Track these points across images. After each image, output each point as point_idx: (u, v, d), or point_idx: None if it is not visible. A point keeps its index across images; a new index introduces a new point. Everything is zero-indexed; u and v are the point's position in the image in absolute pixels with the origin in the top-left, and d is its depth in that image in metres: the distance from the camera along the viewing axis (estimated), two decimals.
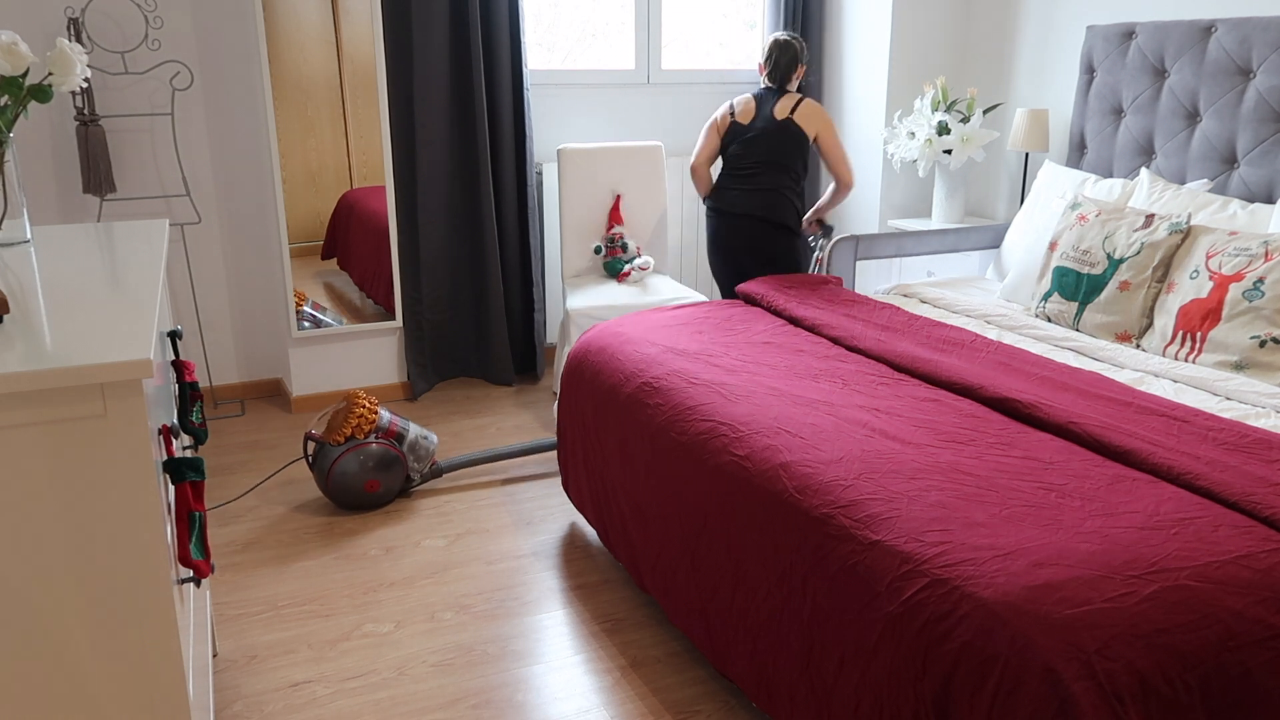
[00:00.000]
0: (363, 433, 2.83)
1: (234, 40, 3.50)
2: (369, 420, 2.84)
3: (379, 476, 2.85)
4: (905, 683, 1.42)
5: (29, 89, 1.75)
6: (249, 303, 3.78)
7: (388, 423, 2.89)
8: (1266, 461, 1.72)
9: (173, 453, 1.46)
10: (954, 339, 2.47)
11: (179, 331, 1.90)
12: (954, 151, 3.61)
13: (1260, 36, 2.72)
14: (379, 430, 2.86)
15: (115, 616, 1.24)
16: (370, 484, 2.83)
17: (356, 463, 2.81)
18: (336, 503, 2.87)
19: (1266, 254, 2.32)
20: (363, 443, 2.82)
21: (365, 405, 2.87)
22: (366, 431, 2.83)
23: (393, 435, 2.88)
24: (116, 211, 3.47)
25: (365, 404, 2.87)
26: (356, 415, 2.82)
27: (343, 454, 2.80)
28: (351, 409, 2.84)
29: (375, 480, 2.84)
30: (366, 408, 2.86)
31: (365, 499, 2.86)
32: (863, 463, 1.73)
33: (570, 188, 3.77)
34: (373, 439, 2.84)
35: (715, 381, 2.16)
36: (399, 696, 2.06)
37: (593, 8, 4.14)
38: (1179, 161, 2.99)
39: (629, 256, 3.72)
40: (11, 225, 1.81)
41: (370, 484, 2.83)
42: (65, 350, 1.18)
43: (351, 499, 2.85)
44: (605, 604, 2.42)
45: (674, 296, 3.48)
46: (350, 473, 2.81)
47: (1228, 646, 1.30)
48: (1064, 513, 1.55)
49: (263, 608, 2.40)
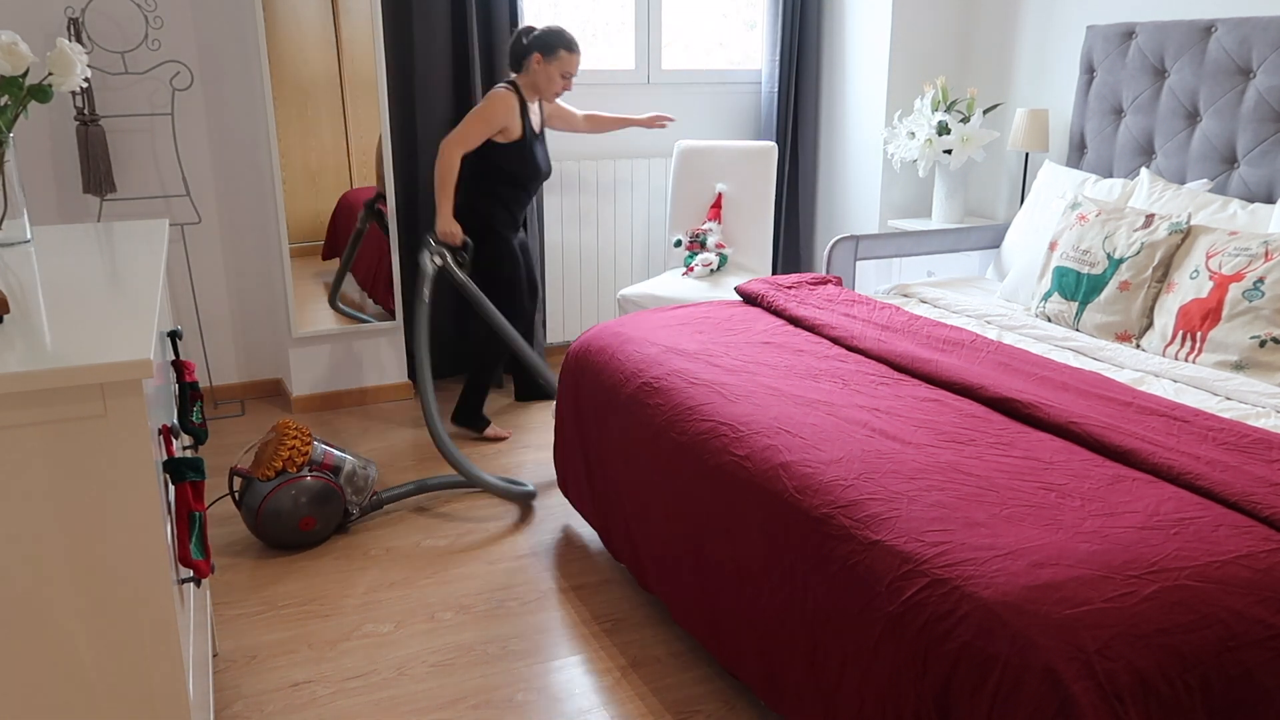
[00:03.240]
0: (295, 465, 2.60)
1: (234, 40, 3.50)
2: (301, 452, 2.62)
3: (314, 513, 2.62)
4: (906, 682, 1.42)
5: (29, 89, 1.75)
6: (249, 303, 3.78)
7: (322, 454, 2.67)
8: (1266, 461, 1.72)
9: (173, 453, 1.46)
10: (954, 339, 2.47)
11: (179, 331, 1.90)
12: (954, 151, 3.60)
13: (1260, 36, 2.72)
14: (312, 463, 2.64)
15: (115, 616, 1.24)
16: (305, 521, 2.61)
17: (289, 498, 2.58)
18: (267, 542, 2.64)
19: (1266, 254, 2.32)
20: (295, 476, 2.60)
21: (298, 436, 2.64)
22: (299, 464, 2.61)
23: (328, 468, 2.67)
24: (116, 211, 3.47)
25: (298, 434, 2.65)
26: (288, 447, 2.60)
27: (274, 490, 2.57)
28: (282, 440, 2.62)
29: (310, 517, 2.61)
30: (299, 439, 2.64)
31: (299, 537, 2.63)
32: (863, 463, 1.73)
33: (680, 182, 3.94)
34: (306, 472, 2.62)
35: (715, 381, 2.16)
36: (399, 696, 2.06)
37: (593, 8, 4.14)
38: (1179, 161, 2.99)
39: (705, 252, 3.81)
40: (11, 225, 1.81)
41: (305, 521, 2.61)
42: (65, 350, 1.18)
43: (285, 537, 2.62)
44: (605, 604, 2.42)
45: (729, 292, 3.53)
46: (283, 510, 2.58)
47: (1228, 646, 1.30)
48: (1064, 513, 1.55)
49: (263, 608, 2.40)
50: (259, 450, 2.67)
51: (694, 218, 3.95)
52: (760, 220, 3.88)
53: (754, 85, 4.39)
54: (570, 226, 4.16)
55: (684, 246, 3.87)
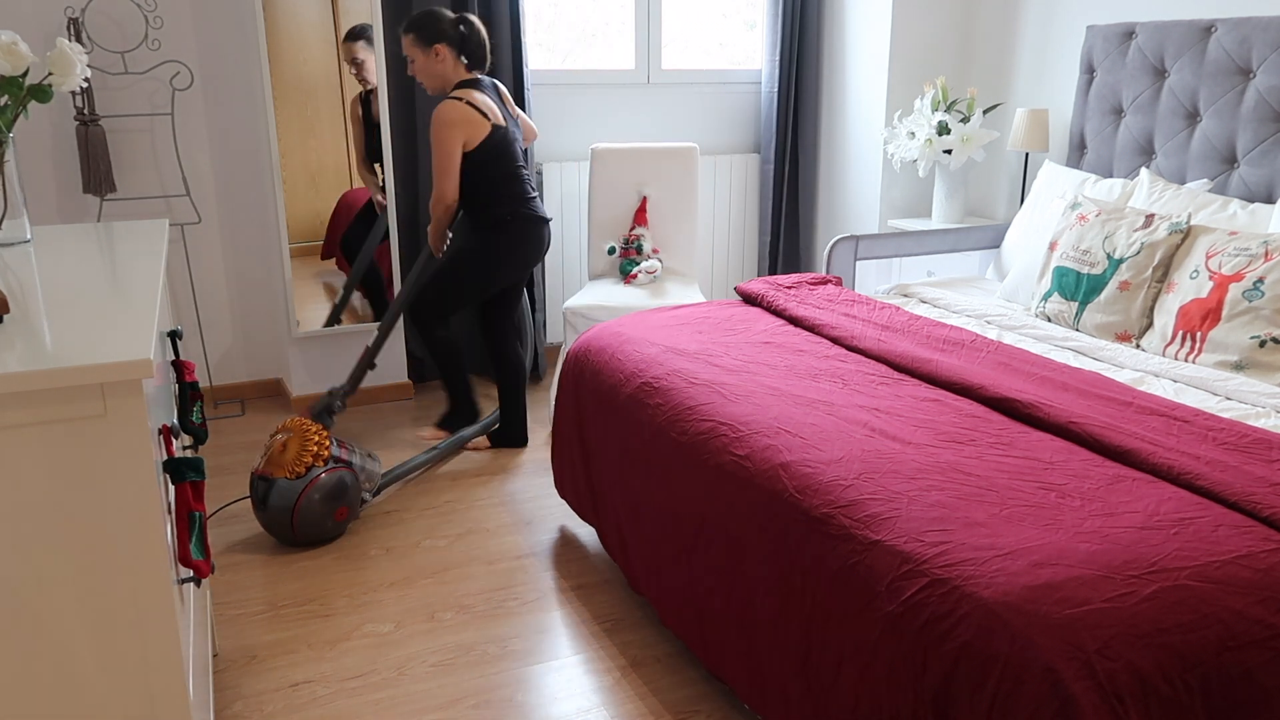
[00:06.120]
0: (322, 460, 2.67)
1: (234, 40, 3.50)
2: (325, 446, 2.69)
3: (346, 503, 2.70)
4: (905, 682, 1.42)
5: (29, 89, 1.75)
6: (249, 303, 3.78)
7: (338, 447, 2.76)
8: (1266, 461, 1.72)
9: (173, 453, 1.46)
10: (954, 339, 2.47)
11: (179, 331, 1.90)
12: (954, 151, 3.60)
13: (1260, 36, 2.72)
14: (334, 455, 2.72)
15: (115, 616, 1.24)
16: (340, 511, 2.69)
17: (323, 493, 2.65)
18: (305, 540, 2.67)
19: (1266, 254, 2.32)
20: (322, 471, 2.66)
21: (317, 431, 2.71)
22: (325, 459, 2.68)
23: (344, 459, 2.75)
24: (116, 211, 3.47)
25: (316, 430, 2.71)
26: (314, 443, 2.67)
27: (307, 486, 2.62)
28: (306, 437, 2.68)
29: (344, 507, 2.70)
30: (319, 433, 2.71)
31: (336, 529, 2.71)
32: (863, 463, 1.73)
33: (599, 187, 3.77)
34: (332, 465, 2.69)
35: (715, 381, 2.16)
36: (399, 696, 2.06)
37: (593, 8, 4.14)
38: (1179, 161, 2.99)
39: (643, 259, 3.72)
40: (11, 225, 1.81)
41: (340, 511, 2.69)
42: (65, 350, 1.18)
43: (323, 532, 2.68)
44: (605, 604, 2.42)
45: (678, 300, 3.47)
46: (318, 505, 2.64)
47: (1228, 646, 1.30)
48: (1064, 513, 1.55)
49: (263, 608, 2.40)
50: (272, 451, 2.68)
51: (614, 224, 3.81)
52: (686, 224, 3.80)
53: (754, 85, 4.39)
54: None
55: (618, 254, 3.76)
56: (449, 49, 3.03)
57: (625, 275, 3.71)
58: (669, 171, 3.78)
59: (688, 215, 3.81)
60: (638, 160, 3.78)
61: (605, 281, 3.73)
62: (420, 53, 3.04)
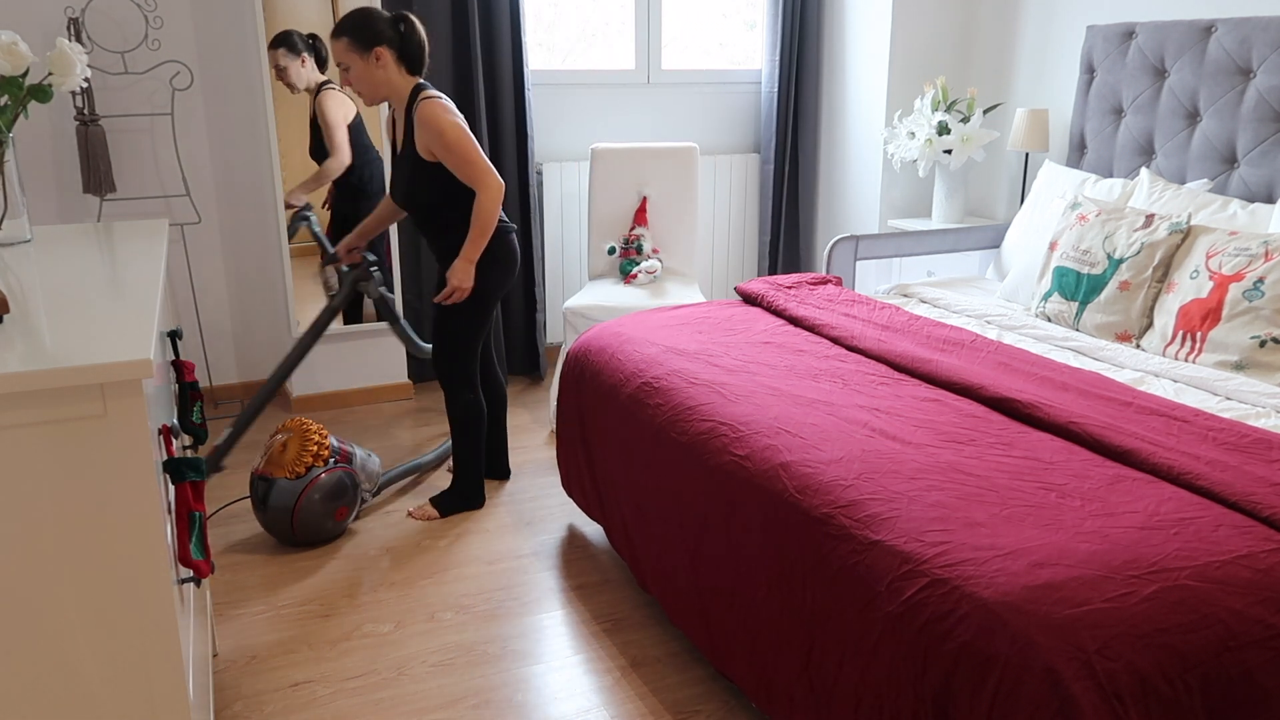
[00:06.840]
0: (322, 460, 2.65)
1: (234, 40, 3.50)
2: (325, 446, 2.67)
3: (345, 502, 2.69)
4: (905, 682, 1.42)
5: (29, 89, 1.75)
6: (249, 303, 3.78)
7: (338, 446, 2.73)
8: (1266, 461, 1.72)
9: (173, 453, 1.46)
10: (954, 339, 2.47)
11: (179, 331, 1.90)
12: (954, 151, 3.60)
13: (1260, 36, 2.72)
14: (334, 455, 2.69)
15: (115, 616, 1.24)
16: (340, 511, 2.67)
17: (323, 492, 2.63)
18: (305, 540, 2.66)
19: (1266, 254, 2.32)
20: (322, 471, 2.64)
21: (317, 431, 2.69)
22: (325, 459, 2.66)
23: (345, 458, 2.73)
24: (116, 211, 3.47)
25: (316, 430, 2.69)
26: (314, 443, 2.65)
27: (307, 486, 2.61)
28: (306, 437, 2.66)
29: (343, 506, 2.68)
30: (319, 433, 2.68)
31: (336, 529, 2.69)
32: (863, 463, 1.73)
33: (599, 187, 3.77)
34: (332, 464, 2.67)
35: (715, 381, 2.16)
36: (399, 696, 2.06)
37: (593, 8, 4.14)
38: (1179, 161, 2.99)
39: (643, 259, 3.72)
40: (11, 225, 1.81)
41: (340, 511, 2.67)
42: (65, 350, 1.18)
43: (323, 532, 2.67)
44: (605, 604, 2.42)
45: (678, 300, 3.47)
46: (319, 505, 2.63)
47: (1228, 646, 1.30)
48: (1064, 513, 1.55)
49: (263, 608, 2.40)
50: (272, 451, 2.67)
51: (614, 224, 3.80)
52: (686, 223, 3.79)
53: (754, 85, 4.39)
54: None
55: (618, 254, 3.75)
56: (389, 52, 2.61)
57: (625, 275, 3.70)
58: (669, 171, 3.78)
59: (688, 215, 3.81)
60: (638, 160, 3.77)
61: (605, 281, 3.73)
62: (358, 58, 2.60)
